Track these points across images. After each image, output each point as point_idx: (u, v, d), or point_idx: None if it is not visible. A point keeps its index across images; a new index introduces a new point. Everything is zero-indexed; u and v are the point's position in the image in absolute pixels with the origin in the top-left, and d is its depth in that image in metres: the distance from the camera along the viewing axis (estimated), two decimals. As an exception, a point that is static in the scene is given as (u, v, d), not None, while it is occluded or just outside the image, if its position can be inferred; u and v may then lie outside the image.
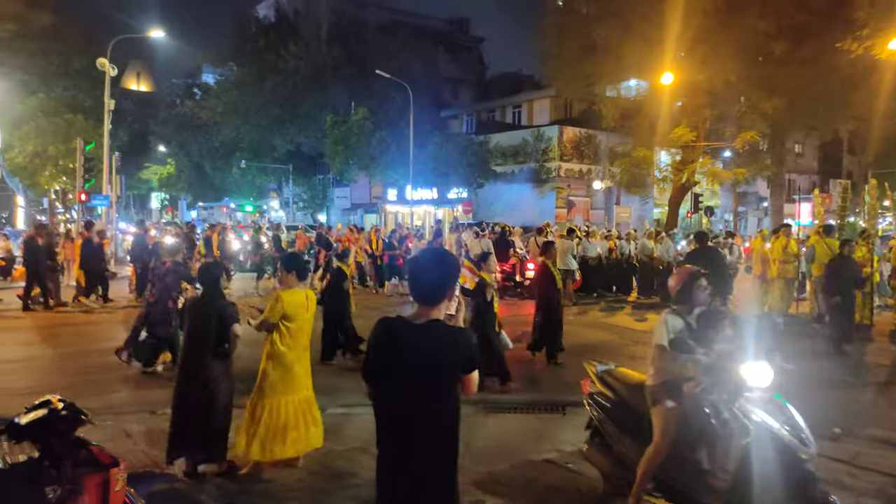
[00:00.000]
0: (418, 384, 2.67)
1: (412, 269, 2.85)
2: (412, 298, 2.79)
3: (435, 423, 2.71)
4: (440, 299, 2.75)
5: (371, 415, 6.74)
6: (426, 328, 2.71)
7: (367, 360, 2.84)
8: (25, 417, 3.14)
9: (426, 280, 2.75)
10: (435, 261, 2.86)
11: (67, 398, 3.20)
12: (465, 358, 2.75)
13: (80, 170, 21.72)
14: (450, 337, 2.73)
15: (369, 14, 45.81)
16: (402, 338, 2.70)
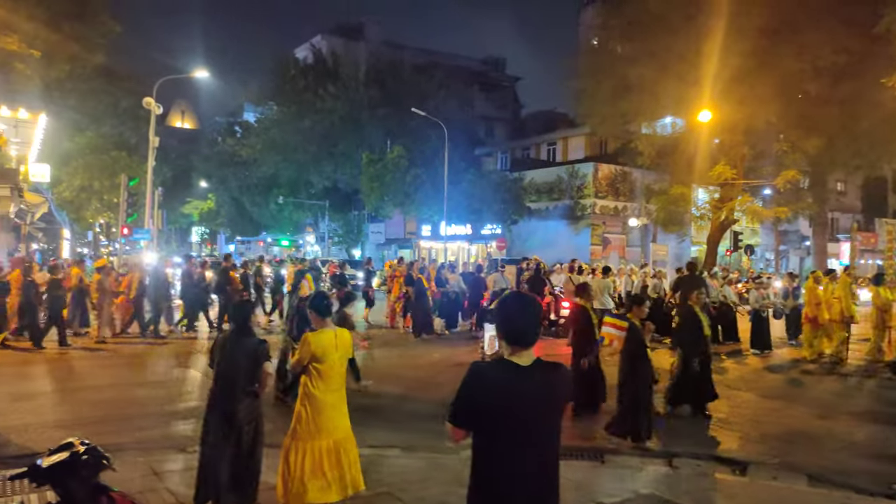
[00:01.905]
0: (534, 426, 2.69)
1: (508, 312, 2.85)
2: (506, 342, 2.77)
3: (547, 460, 2.74)
4: (537, 340, 2.80)
5: (399, 457, 6.66)
6: (535, 369, 2.74)
7: (465, 406, 2.75)
8: (47, 460, 3.09)
9: (525, 322, 2.79)
10: (526, 303, 2.90)
11: (100, 431, 3.16)
12: (568, 393, 2.86)
13: (123, 204, 22.32)
14: (557, 374, 2.80)
15: (406, 55, 46.73)
16: (513, 382, 2.69)
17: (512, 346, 2.75)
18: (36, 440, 6.97)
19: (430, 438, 7.45)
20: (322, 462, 4.97)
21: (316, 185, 42.87)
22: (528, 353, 2.74)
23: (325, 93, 40.36)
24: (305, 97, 40.95)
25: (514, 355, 2.74)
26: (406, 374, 10.07)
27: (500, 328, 2.83)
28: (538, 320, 2.88)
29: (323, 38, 52.55)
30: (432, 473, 6.31)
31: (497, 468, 2.68)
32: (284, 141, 41.75)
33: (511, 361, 2.72)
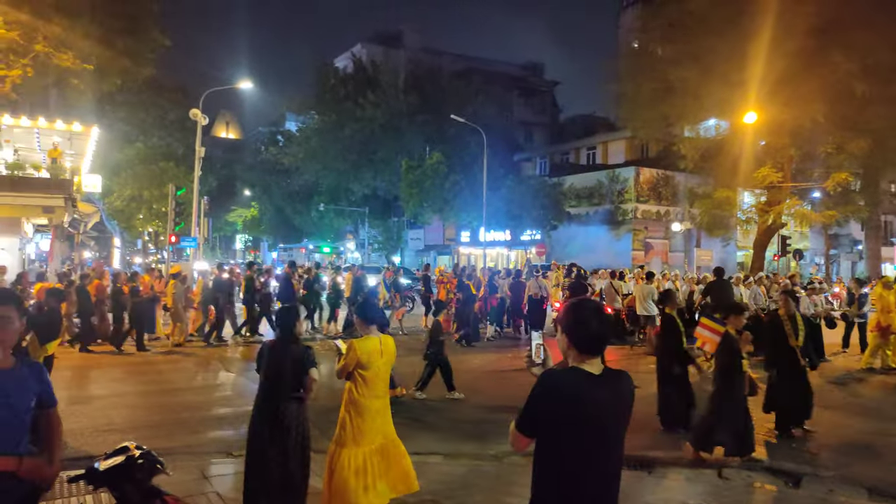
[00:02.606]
0: (604, 435, 2.66)
1: (579, 319, 2.78)
2: (576, 349, 2.72)
3: (614, 470, 2.73)
4: (604, 349, 2.78)
5: (442, 464, 6.64)
6: (606, 378, 2.71)
7: (535, 414, 2.71)
8: (104, 464, 3.18)
9: (597, 329, 2.75)
10: (598, 310, 2.86)
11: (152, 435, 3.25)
12: (632, 403, 2.81)
13: (171, 213, 22.91)
14: (626, 383, 2.77)
15: (445, 62, 46.97)
16: (586, 390, 2.65)
17: (582, 353, 2.71)
18: (91, 443, 7.19)
19: (471, 445, 7.44)
20: (366, 467, 5.00)
21: (356, 192, 43.34)
22: (597, 361, 2.71)
23: (364, 101, 40.80)
24: (345, 106, 41.48)
25: (583, 363, 2.69)
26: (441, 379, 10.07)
27: (571, 335, 2.76)
28: (609, 327, 2.86)
29: (363, 46, 53.21)
30: (475, 480, 6.29)
31: (564, 478, 2.65)
32: (325, 149, 42.33)
33: (582, 369, 2.68)
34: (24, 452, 2.89)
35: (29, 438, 2.98)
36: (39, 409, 3.05)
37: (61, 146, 21.63)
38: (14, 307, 2.94)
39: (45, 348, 7.19)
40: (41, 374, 3.07)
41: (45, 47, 12.93)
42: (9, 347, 2.92)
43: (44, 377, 3.08)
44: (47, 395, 3.07)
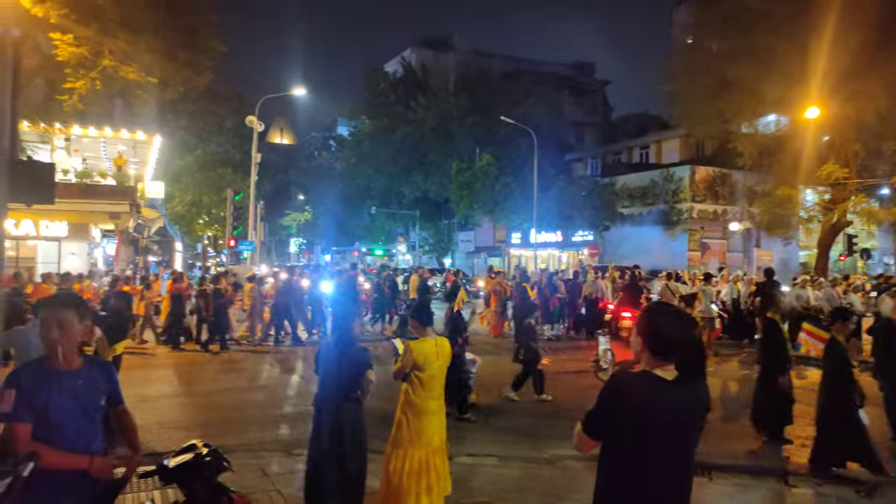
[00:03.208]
0: (674, 442, 2.61)
1: (657, 323, 2.71)
2: (652, 353, 2.65)
3: (683, 477, 2.67)
4: (672, 353, 2.67)
5: (497, 467, 6.64)
6: (679, 384, 2.63)
7: (603, 416, 2.68)
8: (173, 461, 3.30)
9: (673, 335, 2.66)
10: (677, 315, 2.78)
11: (213, 434, 3.36)
12: (707, 407, 2.76)
13: (229, 218, 23.63)
14: (702, 391, 2.72)
15: (494, 64, 46.87)
16: (658, 396, 2.60)
17: (656, 358, 2.65)
18: (156, 440, 7.47)
19: (525, 448, 7.41)
20: (421, 469, 5.04)
21: (407, 195, 43.72)
22: (671, 367, 2.65)
23: (415, 104, 41.13)
24: (396, 110, 41.90)
25: (657, 368, 2.63)
26: (503, 381, 10.05)
27: (646, 339, 2.70)
28: (688, 333, 2.74)
29: (412, 51, 53.65)
30: (529, 484, 6.27)
31: (632, 484, 2.61)
32: (376, 153, 42.86)
33: (653, 374, 2.62)
34: (96, 451, 3.00)
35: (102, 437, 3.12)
36: (110, 408, 3.19)
37: (126, 154, 22.59)
38: (75, 311, 3.04)
39: (114, 348, 7.51)
40: (110, 374, 3.20)
41: (111, 61, 13.56)
42: (73, 349, 3.04)
43: (112, 377, 3.21)
44: (116, 394, 3.20)
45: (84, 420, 2.94)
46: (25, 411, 2.80)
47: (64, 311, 2.99)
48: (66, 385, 2.91)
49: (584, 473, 6.29)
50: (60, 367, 2.94)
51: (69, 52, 13.11)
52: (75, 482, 2.90)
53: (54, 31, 13.10)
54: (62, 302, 3.08)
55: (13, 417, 2.79)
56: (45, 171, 6.06)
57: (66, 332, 2.97)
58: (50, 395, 2.85)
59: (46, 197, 5.84)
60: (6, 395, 2.80)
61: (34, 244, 21.89)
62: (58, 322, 2.94)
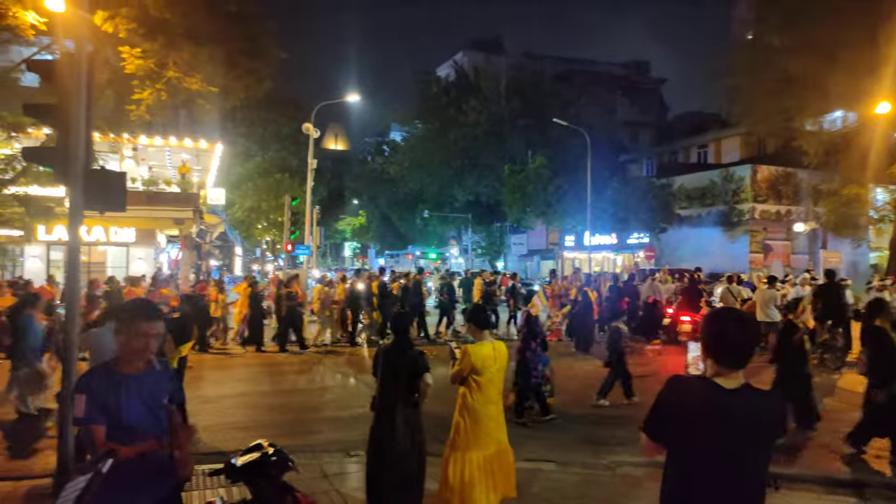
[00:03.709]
0: (731, 456, 2.50)
1: (720, 329, 2.61)
2: (714, 361, 2.57)
3: (745, 494, 2.56)
4: (746, 364, 2.57)
5: (555, 472, 6.57)
6: (742, 394, 2.53)
7: (659, 418, 2.65)
8: (241, 459, 3.40)
9: (736, 342, 2.56)
10: (742, 320, 2.65)
11: (275, 434, 3.45)
12: (781, 420, 2.62)
13: (286, 223, 24.18)
14: (767, 403, 2.59)
15: (546, 65, 46.59)
16: (714, 405, 2.51)
17: (720, 366, 2.55)
18: (220, 439, 7.69)
19: (584, 454, 7.31)
20: (479, 472, 5.03)
21: (459, 198, 43.83)
22: (736, 376, 2.53)
23: (467, 107, 41.21)
24: (448, 114, 42.05)
25: (719, 376, 2.54)
26: (561, 385, 9.94)
27: (708, 346, 2.60)
28: (754, 340, 2.64)
29: (464, 54, 53.80)
30: (588, 490, 6.18)
31: (687, 496, 2.55)
32: (429, 157, 43.12)
33: (714, 382, 2.53)
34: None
35: None
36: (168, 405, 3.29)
37: (189, 162, 23.43)
38: (162, 322, 3.20)
39: (180, 350, 7.78)
40: (172, 374, 3.32)
41: (176, 72, 14.03)
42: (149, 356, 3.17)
43: (173, 376, 3.33)
44: (177, 393, 3.32)
45: (152, 418, 3.06)
46: (98, 414, 2.93)
47: (155, 324, 3.12)
48: (134, 387, 3.03)
49: (644, 482, 6.17)
50: (129, 370, 3.06)
51: (136, 64, 13.66)
52: (148, 479, 3.00)
53: (123, 45, 13.66)
54: (153, 314, 3.16)
55: (86, 421, 2.94)
56: (117, 179, 6.33)
57: (151, 343, 3.11)
58: (119, 398, 2.97)
59: (118, 204, 6.09)
60: (77, 400, 2.95)
61: (104, 249, 22.92)
62: (146, 333, 3.06)
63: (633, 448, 7.04)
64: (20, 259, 21.75)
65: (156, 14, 13.11)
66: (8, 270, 18.47)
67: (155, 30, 13.44)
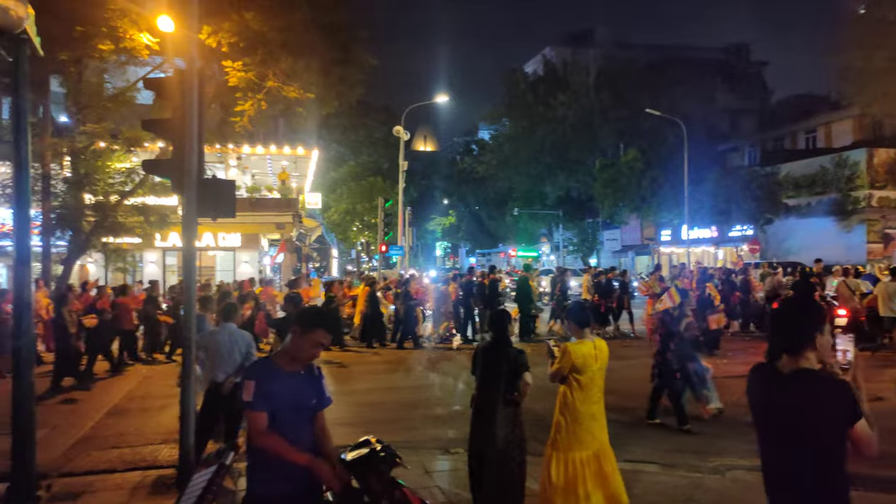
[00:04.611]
0: (784, 438, 2.56)
1: (779, 316, 2.81)
2: (777, 347, 2.67)
3: (802, 483, 2.52)
4: (800, 349, 2.59)
5: (659, 474, 6.37)
6: (796, 379, 2.56)
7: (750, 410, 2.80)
8: (350, 454, 3.51)
9: (790, 327, 2.67)
10: (796, 307, 2.83)
11: (377, 430, 3.53)
12: (842, 409, 2.49)
13: (380, 224, 24.80)
14: (822, 389, 2.52)
15: (638, 55, 45.08)
16: (768, 388, 2.65)
17: (782, 351, 2.64)
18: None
19: (689, 456, 7.04)
20: (580, 473, 4.95)
21: (550, 195, 43.38)
22: (793, 360, 2.58)
23: (555, 103, 40.67)
24: (536, 110, 41.67)
25: (780, 361, 2.63)
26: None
27: (770, 331, 2.78)
28: (807, 326, 2.64)
29: (552, 49, 53.08)
30: (695, 494, 5.94)
31: (768, 487, 2.66)
32: (517, 155, 42.91)
33: (772, 366, 2.64)
34: (307, 447, 3.21)
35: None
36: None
37: (288, 169, 24.47)
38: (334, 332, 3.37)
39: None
40: (320, 378, 3.39)
41: (275, 82, 14.73)
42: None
43: (321, 381, 3.38)
44: (322, 397, 3.37)
45: (297, 417, 3.20)
46: (263, 401, 3.08)
47: (329, 335, 3.29)
48: (288, 383, 3.18)
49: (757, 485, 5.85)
50: (288, 368, 3.22)
51: (238, 77, 14.43)
52: (293, 469, 3.10)
53: (225, 59, 14.47)
54: (331, 325, 3.34)
55: (254, 406, 3.08)
56: (227, 187, 6.69)
57: (319, 351, 3.28)
58: (276, 391, 3.13)
59: (229, 211, 6.44)
60: (247, 385, 3.10)
61: (213, 254, 24.33)
62: (320, 342, 3.24)
63: (743, 450, 6.71)
64: (140, 264, 23.45)
65: (255, 28, 13.77)
66: (129, 274, 19.97)
67: (255, 43, 14.13)
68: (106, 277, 20.62)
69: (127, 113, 15.30)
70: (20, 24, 5.38)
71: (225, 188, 6.66)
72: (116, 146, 15.58)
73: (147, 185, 16.07)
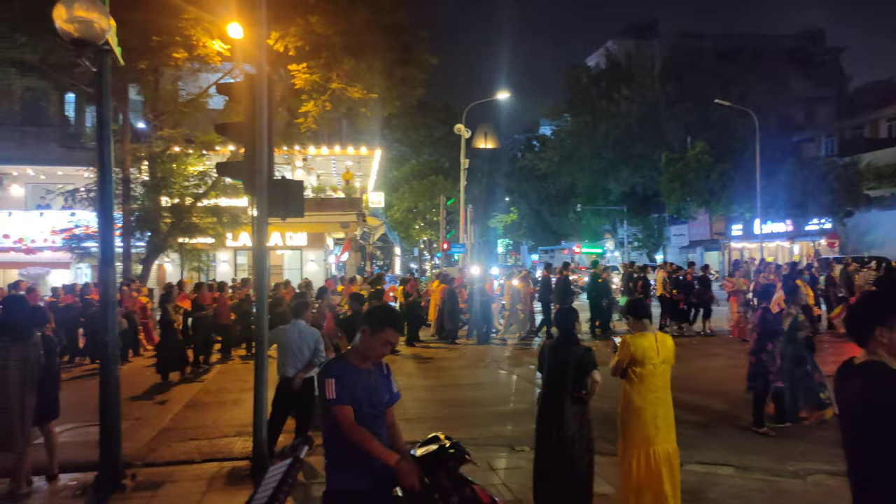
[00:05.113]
0: (847, 431, 2.52)
1: (853, 309, 2.74)
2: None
3: (858, 480, 2.44)
4: (862, 341, 2.54)
5: (734, 478, 6.17)
6: (856, 372, 2.53)
7: None
8: (420, 450, 3.53)
9: (859, 318, 2.63)
10: (864, 300, 2.80)
11: (443, 426, 3.55)
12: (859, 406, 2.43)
13: (442, 222, 24.95)
14: (855, 381, 2.46)
15: (705, 44, 43.62)
16: (841, 383, 2.60)
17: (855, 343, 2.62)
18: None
19: (766, 458, 6.77)
20: (647, 471, 4.87)
21: (613, 190, 42.62)
22: (864, 354, 2.54)
23: (619, 97, 39.90)
24: (599, 105, 41.00)
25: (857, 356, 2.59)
26: (730, 386, 9.32)
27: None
28: (867, 318, 2.57)
29: (614, 42, 52.03)
30: (777, 499, 5.70)
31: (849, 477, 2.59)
32: (580, 150, 42.35)
33: (851, 361, 2.61)
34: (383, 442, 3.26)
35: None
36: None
37: (352, 169, 24.91)
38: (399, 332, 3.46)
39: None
40: (390, 375, 3.46)
41: (339, 84, 15.08)
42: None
43: (391, 378, 3.46)
44: (392, 394, 3.45)
45: (373, 414, 3.27)
46: (345, 396, 3.16)
47: (398, 334, 3.41)
48: (363, 381, 3.26)
49: (842, 490, 5.58)
50: (361, 366, 3.30)
51: (304, 79, 14.85)
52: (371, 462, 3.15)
53: (291, 62, 14.88)
54: (400, 325, 3.47)
55: (338, 402, 3.16)
56: (296, 188, 6.87)
57: (389, 349, 3.37)
58: (354, 388, 3.20)
59: (298, 211, 6.60)
60: (328, 383, 3.18)
61: (281, 253, 25.02)
62: (390, 341, 3.33)
63: (827, 453, 6.42)
64: (213, 264, 24.36)
65: (319, 31, 14.11)
66: (203, 273, 20.79)
67: (319, 46, 14.49)
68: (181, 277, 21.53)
69: (200, 118, 15.95)
70: (103, 35, 5.66)
71: (294, 189, 6.83)
72: (191, 150, 16.25)
73: (219, 186, 16.68)
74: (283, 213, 6.60)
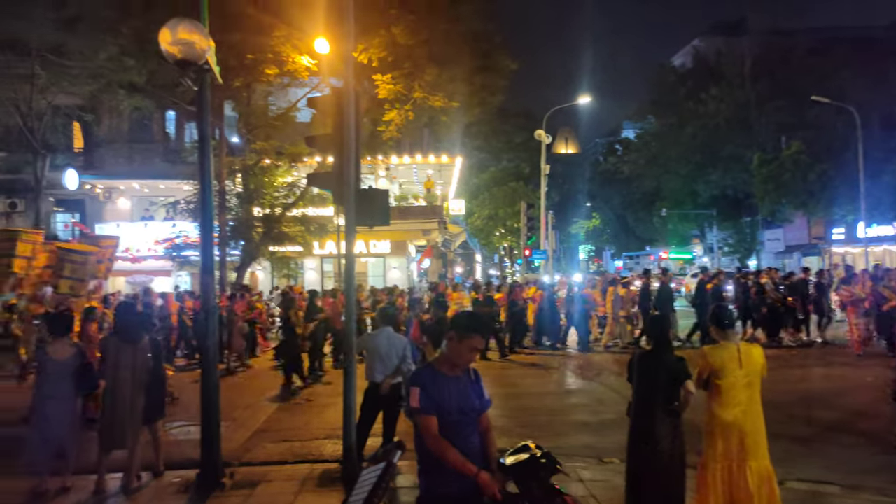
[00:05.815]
0: None
1: None
2: None
3: None
4: None
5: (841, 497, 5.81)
6: None
7: None
8: (510, 459, 3.51)
9: None
10: None
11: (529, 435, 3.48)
12: None
13: (523, 229, 24.82)
14: None
15: (798, 40, 41.42)
16: None
17: None
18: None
19: (876, 478, 6.31)
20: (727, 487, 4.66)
21: (702, 193, 41.05)
22: None
23: (706, 97, 38.50)
24: (685, 105, 39.69)
25: None
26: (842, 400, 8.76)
27: None
28: None
29: (701, 40, 50.23)
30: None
31: None
32: (665, 153, 41.12)
33: None
34: (472, 447, 3.28)
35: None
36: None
37: (433, 177, 25.20)
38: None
39: (437, 352, 8.36)
40: (479, 380, 3.44)
41: (421, 93, 15.34)
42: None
43: (480, 383, 3.44)
44: (484, 401, 3.42)
45: (464, 420, 3.29)
46: (430, 406, 3.20)
47: (483, 340, 3.46)
48: (452, 388, 3.29)
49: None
50: (449, 373, 3.33)
51: (388, 89, 15.21)
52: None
53: (375, 73, 15.27)
54: (486, 331, 3.55)
55: (422, 411, 3.20)
56: (382, 196, 7.03)
57: (475, 355, 3.39)
58: (442, 396, 3.24)
59: (384, 219, 6.75)
60: (413, 392, 3.24)
61: (365, 261, 25.60)
62: (476, 347, 3.34)
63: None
64: (301, 271, 25.22)
65: (402, 42, 14.42)
66: (292, 279, 21.56)
67: (401, 57, 14.80)
68: (271, 284, 22.39)
69: (289, 131, 16.62)
70: (203, 56, 5.99)
71: (380, 197, 6.99)
72: (280, 162, 16.93)
73: (307, 197, 17.28)
74: (369, 221, 6.77)
